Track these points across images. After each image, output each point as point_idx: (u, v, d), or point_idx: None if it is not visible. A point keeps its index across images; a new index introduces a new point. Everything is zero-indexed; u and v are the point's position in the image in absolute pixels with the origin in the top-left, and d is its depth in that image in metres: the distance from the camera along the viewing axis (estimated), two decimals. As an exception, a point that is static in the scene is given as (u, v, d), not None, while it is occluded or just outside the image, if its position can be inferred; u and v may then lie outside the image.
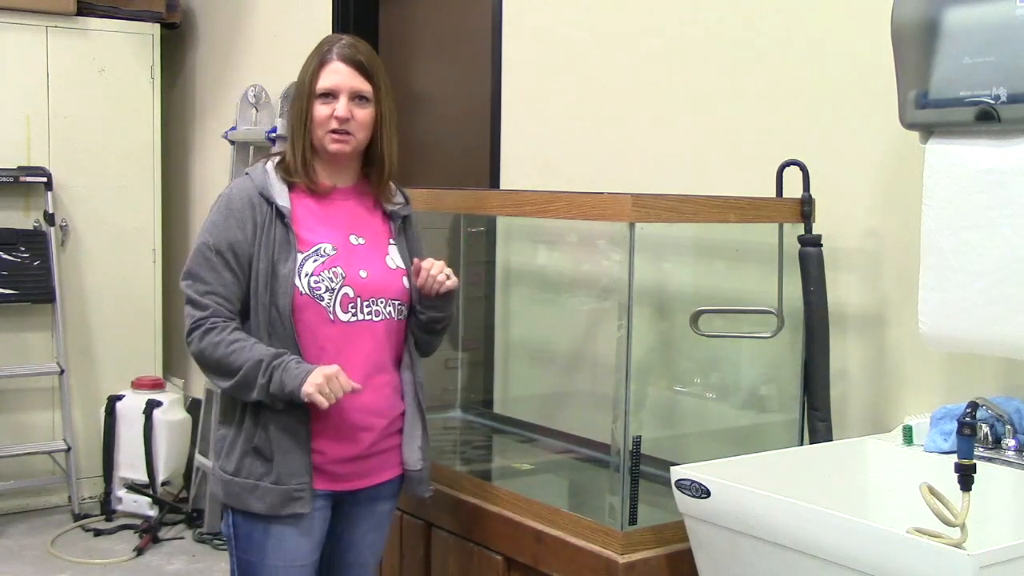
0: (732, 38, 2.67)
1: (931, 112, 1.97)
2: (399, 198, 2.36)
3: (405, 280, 2.28)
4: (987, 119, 1.87)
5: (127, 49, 4.99)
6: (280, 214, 2.18)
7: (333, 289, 2.17)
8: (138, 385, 4.78)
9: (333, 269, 2.17)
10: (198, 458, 4.56)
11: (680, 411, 2.69)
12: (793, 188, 2.33)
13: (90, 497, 4.88)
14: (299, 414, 2.14)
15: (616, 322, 2.16)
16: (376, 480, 2.26)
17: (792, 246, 2.32)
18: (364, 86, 2.22)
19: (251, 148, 4.46)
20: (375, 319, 2.22)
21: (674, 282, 2.66)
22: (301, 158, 2.22)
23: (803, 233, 2.31)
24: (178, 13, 5.16)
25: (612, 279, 2.26)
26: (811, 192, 2.32)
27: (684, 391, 2.68)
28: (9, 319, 4.73)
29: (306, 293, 2.15)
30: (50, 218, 4.75)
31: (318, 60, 2.23)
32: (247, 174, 2.25)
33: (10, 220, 4.74)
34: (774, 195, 2.34)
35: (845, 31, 2.41)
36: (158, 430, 4.62)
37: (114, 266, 5.00)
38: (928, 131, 2.00)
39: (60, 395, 4.79)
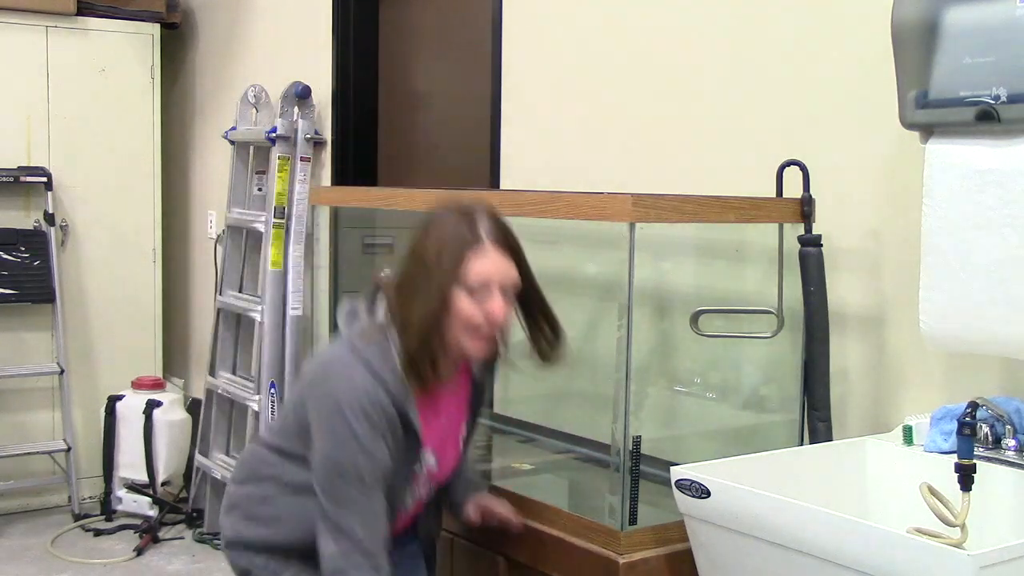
0: (732, 38, 2.67)
1: (931, 112, 1.97)
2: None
3: (462, 442, 2.15)
4: (987, 119, 1.87)
5: (127, 49, 4.99)
6: (413, 429, 1.95)
7: (417, 493, 2.08)
8: (138, 385, 4.78)
9: (427, 480, 2.07)
10: (198, 458, 4.56)
11: (680, 411, 2.69)
12: (793, 188, 2.33)
13: (90, 497, 4.88)
14: None
15: (616, 322, 2.16)
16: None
17: (792, 246, 2.32)
18: (516, 276, 1.92)
19: (251, 148, 4.47)
20: (425, 499, 2.14)
21: (674, 282, 2.66)
22: (431, 362, 1.91)
23: (803, 233, 2.31)
24: (178, 13, 5.16)
25: (612, 279, 2.26)
26: (811, 192, 2.32)
27: (684, 391, 2.68)
28: (9, 319, 4.73)
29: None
30: (50, 218, 4.75)
31: (462, 242, 1.87)
32: (369, 368, 1.89)
33: (10, 220, 4.74)
34: (774, 195, 2.34)
35: (845, 31, 2.41)
36: (158, 430, 4.62)
37: (114, 266, 5.00)
38: (928, 131, 2.00)
39: (60, 395, 4.79)
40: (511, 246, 1.92)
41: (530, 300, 1.99)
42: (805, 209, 2.32)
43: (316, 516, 1.93)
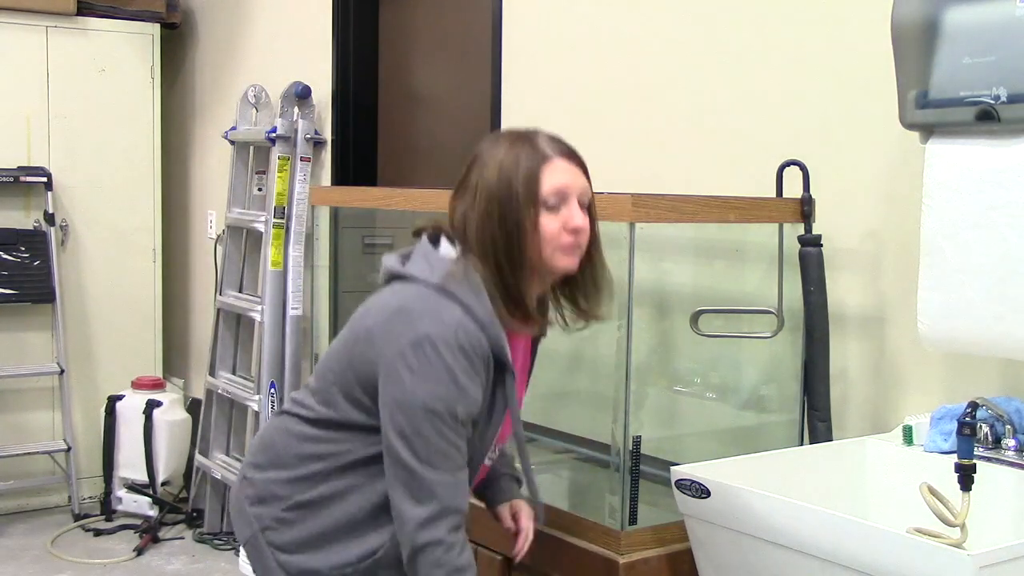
0: (732, 38, 2.67)
1: (931, 112, 1.97)
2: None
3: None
4: (987, 119, 1.87)
5: (127, 49, 4.99)
6: (505, 375, 1.78)
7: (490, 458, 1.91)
8: (138, 385, 4.78)
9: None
10: (198, 458, 4.56)
11: (680, 411, 2.68)
12: (793, 188, 2.33)
13: (90, 497, 4.88)
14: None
15: (616, 322, 2.16)
16: None
17: (792, 246, 2.32)
18: (588, 187, 1.80)
19: (251, 148, 4.47)
20: (488, 463, 1.95)
21: (674, 282, 2.66)
22: (521, 294, 1.76)
23: (803, 233, 2.31)
24: (178, 13, 5.16)
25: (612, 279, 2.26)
26: (811, 192, 2.32)
27: (684, 391, 2.68)
28: (9, 319, 4.73)
29: None
30: (50, 218, 4.75)
31: (531, 160, 1.75)
32: (463, 307, 1.72)
33: (10, 220, 4.74)
34: (774, 195, 2.34)
35: (845, 31, 2.41)
36: (158, 430, 4.62)
37: (114, 266, 5.00)
38: (928, 131, 2.00)
39: (60, 395, 4.79)
40: (579, 158, 1.80)
41: (595, 237, 1.84)
42: (805, 209, 2.32)
43: (389, 477, 1.74)
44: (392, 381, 1.71)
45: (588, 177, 1.81)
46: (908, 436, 2.08)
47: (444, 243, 1.82)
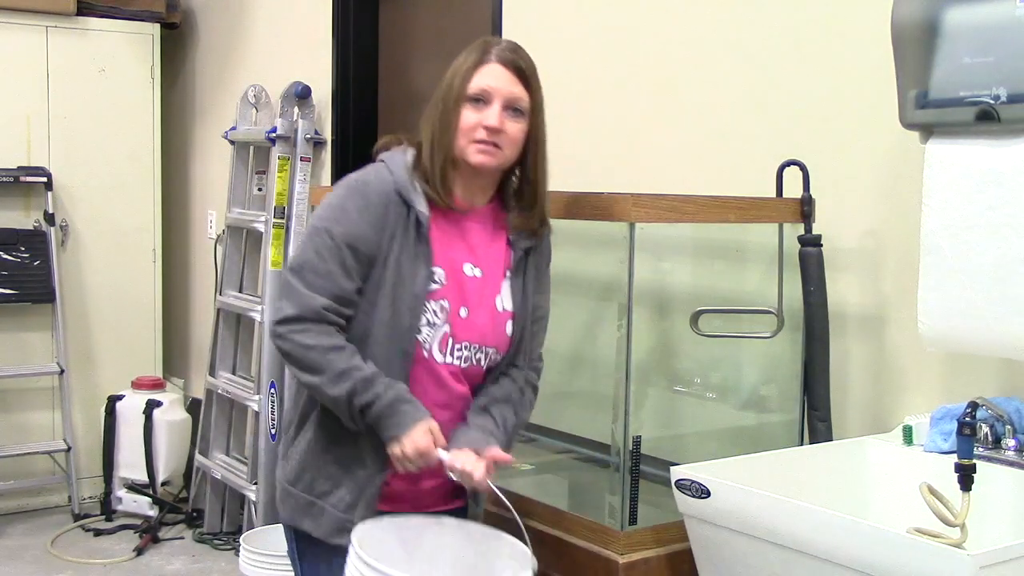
0: (733, 38, 2.67)
1: (931, 112, 1.97)
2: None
3: (509, 326, 2.01)
4: (987, 119, 1.87)
5: (127, 49, 4.99)
6: (418, 222, 1.92)
7: (435, 324, 1.93)
8: (138, 385, 4.77)
9: (440, 302, 1.93)
10: (198, 458, 4.56)
11: (680, 411, 2.69)
12: (793, 188, 2.33)
13: (90, 497, 4.88)
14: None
15: (616, 322, 2.16)
16: (436, 508, 2.04)
17: (792, 246, 2.32)
18: (521, 95, 1.94)
19: (251, 148, 4.47)
20: (462, 365, 1.97)
21: (674, 282, 2.66)
22: (440, 170, 1.94)
23: (803, 233, 2.31)
24: (178, 13, 5.16)
25: (612, 279, 2.26)
26: (811, 192, 2.32)
27: (684, 391, 2.68)
28: (9, 319, 4.73)
29: None
30: (50, 218, 4.75)
31: (473, 60, 1.95)
32: (384, 163, 1.98)
33: (10, 220, 4.74)
34: (774, 195, 2.34)
35: (845, 31, 2.41)
36: (158, 430, 4.62)
37: (114, 266, 5.00)
38: (928, 131, 2.00)
39: (60, 395, 4.79)
40: (519, 67, 1.95)
41: (532, 144, 1.99)
42: (805, 209, 2.32)
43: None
44: None
45: (531, 89, 1.95)
46: (908, 436, 2.08)
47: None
